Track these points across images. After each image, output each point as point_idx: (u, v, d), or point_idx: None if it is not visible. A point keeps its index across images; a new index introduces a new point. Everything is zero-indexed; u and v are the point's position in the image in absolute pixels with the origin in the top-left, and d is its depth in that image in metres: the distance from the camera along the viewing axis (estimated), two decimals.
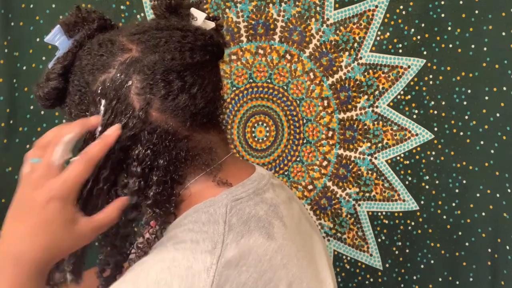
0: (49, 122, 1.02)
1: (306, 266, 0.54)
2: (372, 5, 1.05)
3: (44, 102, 0.56)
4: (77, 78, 0.54)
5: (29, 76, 1.00)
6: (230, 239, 0.48)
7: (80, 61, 0.54)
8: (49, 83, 0.54)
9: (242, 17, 1.08)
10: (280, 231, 0.53)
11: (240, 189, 0.54)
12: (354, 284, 1.11)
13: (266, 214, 0.53)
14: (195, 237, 0.48)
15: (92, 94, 0.52)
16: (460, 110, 1.03)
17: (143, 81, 0.50)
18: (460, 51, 1.02)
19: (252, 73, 1.09)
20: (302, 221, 0.62)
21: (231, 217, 0.50)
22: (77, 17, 0.56)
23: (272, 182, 0.59)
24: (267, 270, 0.49)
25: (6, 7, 0.97)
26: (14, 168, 0.99)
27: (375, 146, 1.08)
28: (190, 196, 0.54)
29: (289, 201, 0.61)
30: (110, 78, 0.51)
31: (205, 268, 0.46)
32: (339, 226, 1.11)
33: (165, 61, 0.51)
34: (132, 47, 0.52)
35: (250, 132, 1.11)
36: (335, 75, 1.08)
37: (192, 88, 0.52)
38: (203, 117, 0.54)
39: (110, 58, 0.51)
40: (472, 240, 1.05)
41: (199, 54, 0.53)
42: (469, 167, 1.04)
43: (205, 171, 0.55)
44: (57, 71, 0.54)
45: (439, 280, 1.07)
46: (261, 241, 0.50)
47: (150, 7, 0.55)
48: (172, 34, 0.53)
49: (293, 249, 0.53)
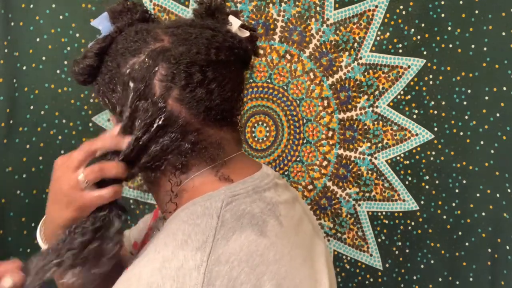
0: (49, 122, 1.03)
1: (300, 264, 0.54)
2: (372, 5, 1.05)
3: (78, 77, 0.59)
4: (110, 59, 0.57)
5: (29, 76, 1.00)
6: (221, 235, 0.49)
7: (116, 45, 0.57)
8: (85, 60, 0.58)
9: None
10: (274, 229, 0.53)
11: (240, 185, 0.55)
12: (354, 284, 1.11)
13: (262, 212, 0.53)
14: (187, 230, 0.49)
15: (121, 75, 0.55)
16: (460, 110, 1.04)
17: (168, 69, 0.53)
18: (460, 51, 1.02)
19: (252, 73, 1.09)
20: (304, 223, 0.62)
21: (225, 212, 0.51)
22: (124, 6, 0.60)
23: (276, 182, 0.60)
24: (259, 264, 0.49)
25: (6, 7, 0.98)
26: (14, 168, 0.99)
27: (375, 146, 1.08)
28: (191, 189, 0.55)
29: (293, 202, 0.61)
30: (139, 62, 0.54)
31: (196, 266, 0.46)
32: (339, 226, 1.11)
33: (190, 54, 0.53)
34: (165, 38, 0.55)
35: (250, 132, 1.11)
36: (335, 75, 1.08)
37: (211, 84, 0.54)
38: (217, 114, 0.55)
39: (143, 45, 0.55)
40: (472, 240, 1.05)
41: (224, 54, 0.55)
42: (469, 167, 1.04)
43: (210, 165, 0.56)
44: (94, 50, 0.57)
45: (439, 280, 1.07)
46: (252, 237, 0.50)
47: (191, 9, 0.57)
48: (203, 31, 0.55)
49: (286, 247, 0.53)
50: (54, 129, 1.03)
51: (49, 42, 1.01)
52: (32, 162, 1.01)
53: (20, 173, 1.00)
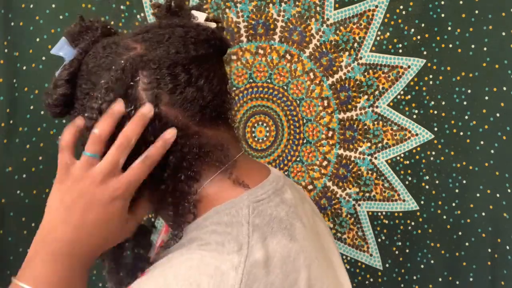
0: (49, 122, 1.02)
1: (326, 267, 0.55)
2: (372, 5, 1.05)
3: (53, 110, 0.56)
4: (84, 81, 0.54)
5: (29, 76, 1.00)
6: (255, 240, 0.48)
7: (86, 66, 0.54)
8: (57, 90, 0.55)
9: (242, 17, 1.08)
10: (301, 232, 0.53)
11: (260, 190, 0.54)
12: (354, 284, 1.11)
13: (287, 215, 0.53)
14: (220, 239, 0.48)
15: (100, 94, 0.52)
16: (460, 110, 1.03)
17: (150, 76, 0.51)
18: (460, 51, 1.02)
19: (252, 73, 1.09)
20: (317, 222, 0.62)
21: (254, 219, 0.50)
22: (81, 26, 0.57)
23: (288, 183, 0.59)
24: (292, 271, 0.49)
25: (6, 7, 0.97)
26: (14, 168, 0.99)
27: (375, 146, 1.08)
28: (208, 196, 0.54)
29: (302, 202, 0.61)
30: (116, 75, 0.51)
31: (233, 266, 0.45)
32: (339, 226, 1.11)
33: (170, 55, 0.51)
34: (137, 45, 0.52)
35: (250, 132, 1.11)
36: (335, 75, 1.08)
37: (199, 81, 0.52)
38: (212, 111, 0.54)
39: (116, 57, 0.52)
40: (472, 240, 1.05)
41: (203, 47, 0.54)
42: (469, 167, 1.04)
43: (220, 168, 0.54)
44: (63, 77, 0.55)
45: (439, 280, 1.07)
46: (284, 242, 0.50)
47: (151, 13, 0.56)
48: (175, 30, 0.53)
49: (313, 251, 0.53)
50: (54, 129, 1.03)
51: (49, 42, 1.01)
52: (32, 162, 1.01)
53: (20, 173, 1.00)
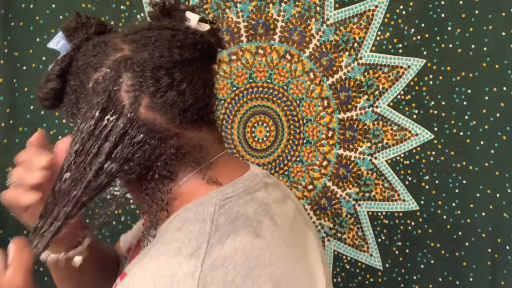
0: (49, 122, 1.03)
1: (296, 263, 0.54)
2: (372, 5, 1.05)
3: (43, 102, 0.58)
4: (73, 78, 0.55)
5: (29, 76, 1.00)
6: (216, 240, 0.48)
7: (76, 62, 0.55)
8: (48, 84, 0.57)
9: (242, 17, 1.08)
10: (269, 229, 0.53)
11: (231, 188, 0.54)
12: (354, 284, 1.11)
13: (256, 212, 0.53)
14: (181, 237, 0.49)
15: (86, 92, 0.53)
16: (460, 110, 1.03)
17: (133, 78, 0.51)
18: (460, 51, 1.02)
19: (252, 73, 1.09)
20: (297, 220, 0.61)
21: (219, 217, 0.50)
22: (77, 22, 0.58)
23: (266, 182, 0.59)
24: (255, 266, 0.48)
25: (6, 7, 0.98)
26: (14, 168, 0.99)
27: (375, 146, 1.08)
28: (182, 194, 0.54)
29: (284, 199, 0.61)
30: (102, 76, 0.52)
31: (190, 272, 0.46)
32: (339, 226, 1.11)
33: (154, 58, 0.52)
34: (124, 46, 0.53)
35: (250, 132, 1.11)
36: (335, 75, 1.08)
37: (181, 85, 0.53)
38: (193, 114, 0.54)
39: (103, 57, 0.53)
40: (472, 240, 1.05)
41: (188, 52, 0.54)
42: (469, 167, 1.04)
43: (196, 169, 0.55)
44: (55, 72, 0.56)
45: (439, 280, 1.07)
46: (247, 239, 0.50)
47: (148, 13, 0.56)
48: (162, 33, 0.54)
49: (281, 247, 0.53)
50: (54, 129, 1.03)
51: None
52: None
53: None
